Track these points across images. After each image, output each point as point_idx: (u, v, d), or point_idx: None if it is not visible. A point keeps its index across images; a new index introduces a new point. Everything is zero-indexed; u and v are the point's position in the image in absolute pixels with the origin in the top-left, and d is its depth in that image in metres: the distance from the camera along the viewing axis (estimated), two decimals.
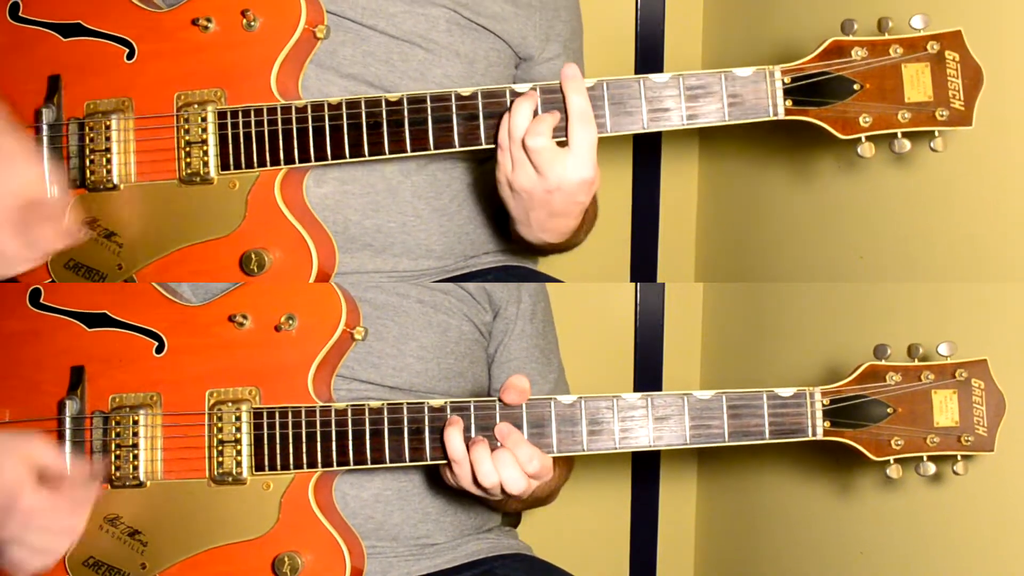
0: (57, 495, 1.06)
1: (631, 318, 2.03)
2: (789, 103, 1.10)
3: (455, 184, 1.33)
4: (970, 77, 1.07)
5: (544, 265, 1.50)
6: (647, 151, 2.06)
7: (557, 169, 1.10)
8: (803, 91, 1.09)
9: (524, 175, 1.11)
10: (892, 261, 1.41)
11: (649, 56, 1.99)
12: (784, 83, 1.10)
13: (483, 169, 1.35)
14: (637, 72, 1.96)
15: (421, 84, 1.26)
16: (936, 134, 1.09)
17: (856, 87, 1.09)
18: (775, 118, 1.10)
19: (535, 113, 1.11)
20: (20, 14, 1.21)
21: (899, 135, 1.09)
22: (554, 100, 1.11)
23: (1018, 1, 1.15)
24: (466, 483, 1.10)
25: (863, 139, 1.10)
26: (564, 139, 1.11)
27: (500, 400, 1.10)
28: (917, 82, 1.08)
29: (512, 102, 1.11)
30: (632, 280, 2.08)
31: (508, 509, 1.39)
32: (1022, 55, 1.14)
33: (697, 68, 1.99)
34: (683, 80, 1.10)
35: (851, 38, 1.09)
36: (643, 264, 2.08)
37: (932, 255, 1.32)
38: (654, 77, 1.11)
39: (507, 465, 1.07)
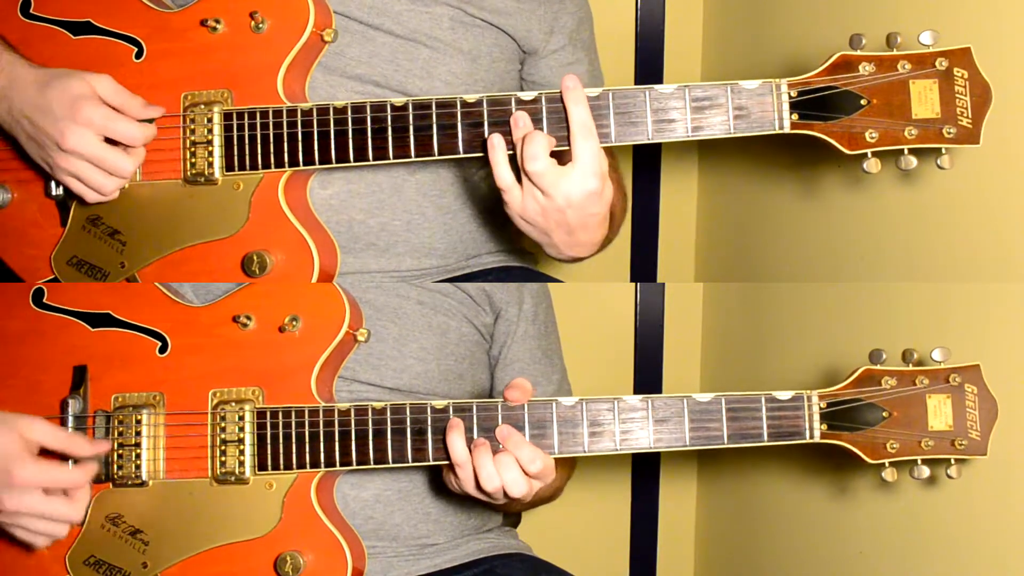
0: (53, 472, 1.07)
1: (631, 318, 2.03)
2: (795, 117, 1.09)
3: (458, 183, 1.33)
4: (979, 95, 1.06)
5: (544, 265, 1.50)
6: (647, 150, 2.07)
7: (563, 187, 1.08)
8: (809, 105, 1.08)
9: (532, 201, 1.10)
10: (891, 262, 1.42)
11: (649, 65, 1.99)
12: (791, 96, 1.09)
13: (486, 169, 1.35)
14: (637, 81, 1.96)
15: (427, 82, 1.26)
16: (943, 151, 1.07)
17: (863, 102, 1.08)
18: (781, 131, 1.09)
19: (535, 121, 1.10)
20: (31, 11, 1.21)
21: (905, 151, 1.08)
22: (557, 108, 1.11)
23: None
24: (469, 487, 1.10)
25: (869, 155, 1.09)
26: (566, 147, 1.10)
27: (504, 399, 1.11)
28: (925, 99, 1.07)
29: (516, 110, 1.11)
30: (632, 280, 2.08)
31: (511, 510, 1.39)
32: None
33: (697, 77, 1.99)
34: (689, 91, 1.10)
35: (859, 53, 1.08)
36: (643, 264, 2.08)
37: (931, 258, 1.33)
38: (660, 87, 1.10)
39: (509, 468, 1.08)
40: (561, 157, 1.10)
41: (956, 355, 1.09)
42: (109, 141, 1.13)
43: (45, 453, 1.09)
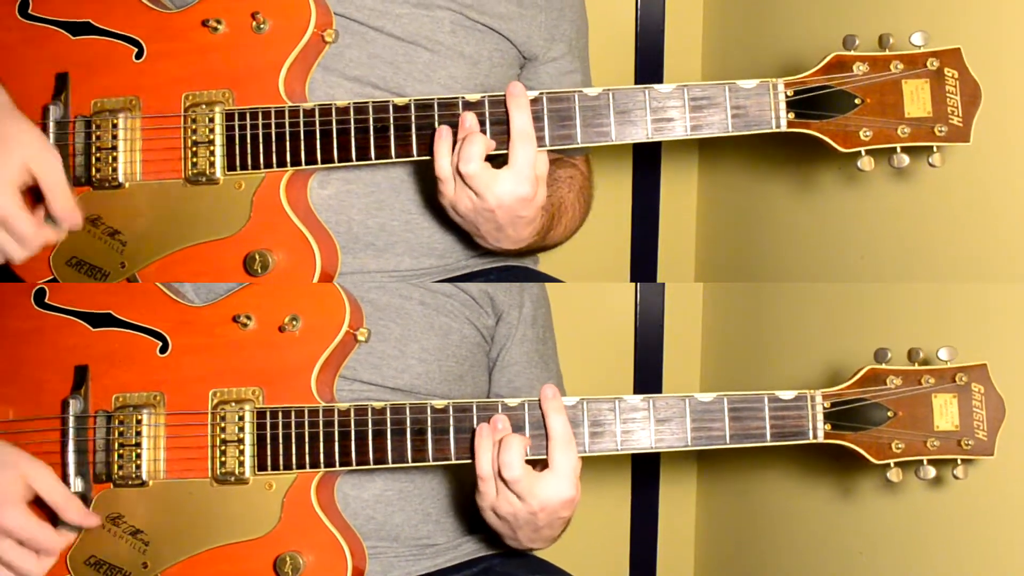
0: (35, 528, 1.08)
1: (631, 318, 2.03)
2: (791, 116, 1.10)
3: None
4: (968, 94, 1.08)
5: (544, 265, 1.50)
6: (647, 150, 2.06)
7: (495, 189, 1.11)
8: (805, 104, 1.10)
9: (464, 198, 1.12)
10: (892, 261, 1.42)
11: (649, 64, 1.99)
12: (787, 96, 1.10)
13: None
14: (637, 81, 1.97)
15: (426, 85, 1.26)
16: (934, 149, 1.09)
17: (857, 101, 1.10)
18: (778, 130, 1.11)
19: (481, 123, 1.12)
20: (30, 11, 1.21)
21: (898, 150, 1.10)
22: (559, 108, 1.12)
23: (1016, 20, 1.16)
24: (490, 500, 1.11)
25: (863, 153, 1.10)
26: (505, 151, 1.12)
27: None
28: (917, 98, 1.09)
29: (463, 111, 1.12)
30: (632, 280, 2.08)
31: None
32: (1020, 72, 1.15)
33: (696, 77, 1.99)
34: (687, 91, 1.11)
35: (853, 53, 1.10)
36: (643, 264, 2.08)
37: (932, 256, 1.33)
38: (659, 87, 1.11)
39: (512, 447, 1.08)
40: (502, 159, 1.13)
41: (959, 355, 1.09)
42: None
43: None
